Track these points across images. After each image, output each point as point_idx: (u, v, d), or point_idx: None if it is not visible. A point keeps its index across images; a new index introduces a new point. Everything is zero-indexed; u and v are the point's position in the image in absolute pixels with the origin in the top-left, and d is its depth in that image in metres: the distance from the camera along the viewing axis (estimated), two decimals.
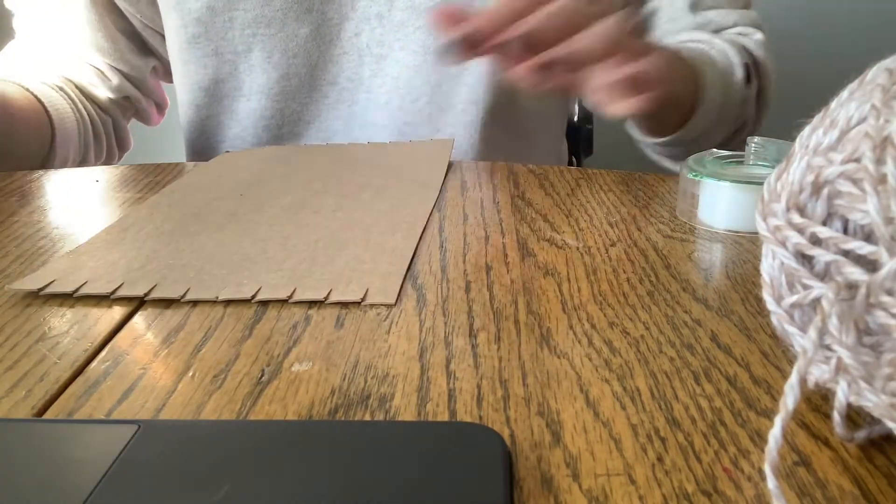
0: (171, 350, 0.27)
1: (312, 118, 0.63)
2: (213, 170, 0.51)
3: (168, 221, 0.40)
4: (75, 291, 0.31)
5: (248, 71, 0.61)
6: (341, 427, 0.21)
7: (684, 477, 0.20)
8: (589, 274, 0.33)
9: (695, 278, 0.33)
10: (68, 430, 0.21)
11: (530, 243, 0.37)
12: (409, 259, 0.35)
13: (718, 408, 0.23)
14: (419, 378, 0.25)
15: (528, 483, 0.19)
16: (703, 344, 0.27)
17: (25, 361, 0.26)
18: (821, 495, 0.19)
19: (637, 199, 0.44)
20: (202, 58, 0.62)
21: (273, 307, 0.30)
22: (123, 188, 0.48)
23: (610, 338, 0.27)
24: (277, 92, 0.62)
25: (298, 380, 0.25)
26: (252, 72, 0.61)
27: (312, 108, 0.62)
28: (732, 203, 0.38)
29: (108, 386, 0.25)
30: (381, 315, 0.29)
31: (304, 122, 0.63)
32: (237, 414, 0.23)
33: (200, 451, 0.20)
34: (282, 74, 0.61)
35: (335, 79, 0.62)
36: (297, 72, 0.61)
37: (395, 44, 0.60)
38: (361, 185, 0.47)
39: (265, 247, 0.36)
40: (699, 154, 0.41)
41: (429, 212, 0.42)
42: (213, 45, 0.61)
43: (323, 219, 0.40)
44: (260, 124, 0.63)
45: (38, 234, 0.39)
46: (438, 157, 0.53)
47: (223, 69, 0.62)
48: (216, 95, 0.63)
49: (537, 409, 0.23)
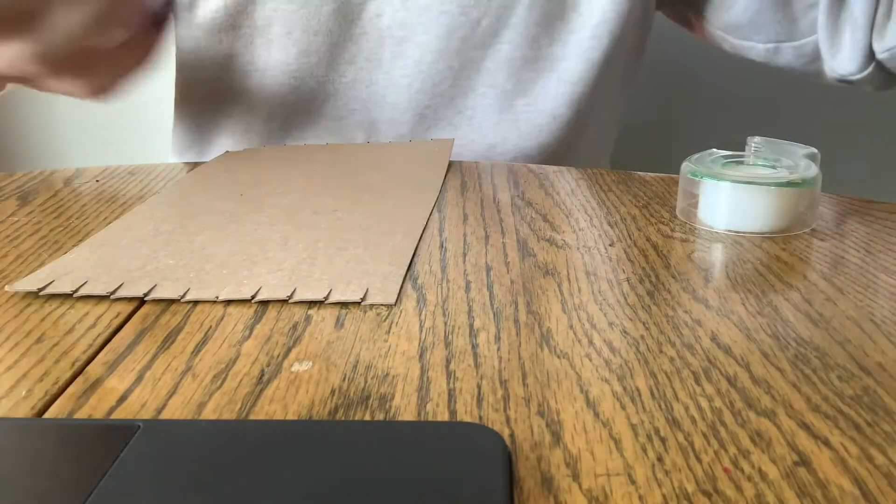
0: (171, 350, 0.27)
1: (328, 96, 0.62)
2: (213, 170, 0.51)
3: (168, 221, 0.40)
4: (75, 291, 0.31)
5: (266, 46, 0.61)
6: (341, 427, 0.21)
7: (684, 477, 0.20)
8: (589, 274, 0.33)
9: (695, 278, 0.33)
10: (68, 430, 0.21)
11: (530, 243, 0.37)
12: (409, 259, 0.35)
13: (718, 408, 0.23)
14: (419, 378, 0.25)
15: (528, 483, 0.19)
16: (703, 344, 0.27)
17: (25, 361, 0.26)
18: (821, 495, 0.19)
19: (637, 199, 0.44)
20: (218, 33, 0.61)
21: (273, 307, 0.30)
22: (123, 188, 0.48)
23: (610, 338, 0.27)
24: (296, 69, 0.61)
25: (298, 380, 0.25)
26: (270, 47, 0.61)
27: (329, 86, 0.62)
28: (732, 203, 0.38)
29: (108, 386, 0.25)
30: (381, 315, 0.29)
31: (319, 100, 0.62)
32: (237, 414, 0.23)
33: (200, 451, 0.20)
34: (301, 51, 0.60)
35: (353, 58, 0.61)
36: (318, 49, 0.60)
37: (418, 27, 0.60)
38: (361, 184, 0.47)
39: (265, 247, 0.36)
40: (699, 154, 0.41)
41: (429, 212, 0.42)
42: (231, 21, 0.60)
43: (323, 219, 0.40)
44: (275, 100, 0.62)
45: (37, 234, 0.39)
46: (438, 157, 0.53)
47: (238, 44, 0.61)
48: (229, 69, 0.62)
49: (537, 409, 0.23)
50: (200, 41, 0.61)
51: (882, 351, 0.26)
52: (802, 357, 0.26)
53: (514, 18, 0.59)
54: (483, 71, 0.61)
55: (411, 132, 0.63)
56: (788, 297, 0.31)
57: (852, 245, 0.37)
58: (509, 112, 0.62)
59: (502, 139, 0.63)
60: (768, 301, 0.30)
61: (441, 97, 0.61)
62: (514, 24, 0.60)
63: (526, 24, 0.60)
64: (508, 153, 0.63)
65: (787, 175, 0.38)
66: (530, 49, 0.60)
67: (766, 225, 0.38)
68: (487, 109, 0.62)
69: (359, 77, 0.62)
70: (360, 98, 0.62)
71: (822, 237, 0.38)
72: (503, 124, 0.62)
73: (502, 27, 0.60)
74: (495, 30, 0.60)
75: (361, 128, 0.63)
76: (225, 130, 0.65)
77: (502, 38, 0.60)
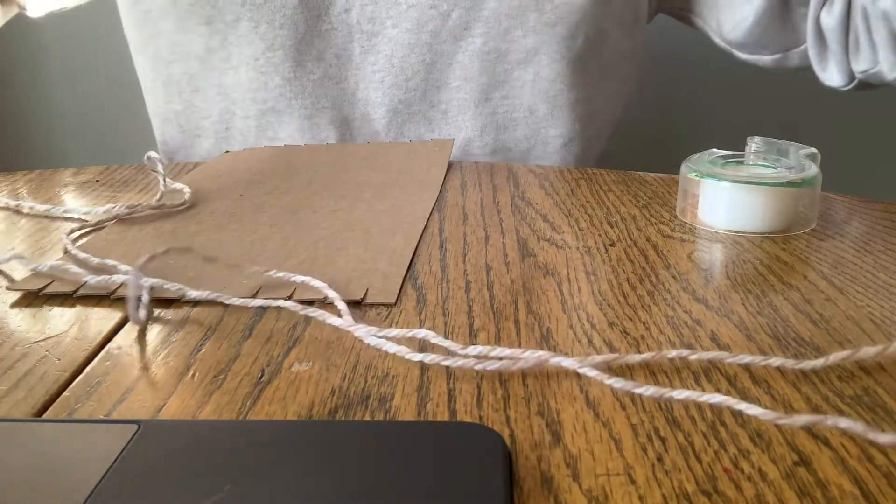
0: (171, 350, 0.27)
1: (296, 94, 0.62)
2: (213, 170, 0.51)
3: (168, 221, 0.40)
4: (75, 291, 0.31)
5: (237, 42, 0.61)
6: (341, 427, 0.21)
7: (684, 477, 0.20)
8: (589, 274, 0.33)
9: (695, 278, 0.33)
10: (68, 430, 0.21)
11: (530, 243, 0.37)
12: (409, 259, 0.35)
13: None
14: (419, 378, 0.25)
15: (528, 483, 0.19)
16: (703, 344, 0.27)
17: (25, 361, 0.26)
18: (821, 495, 0.19)
19: (637, 199, 0.44)
20: (196, 27, 0.61)
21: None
22: (123, 188, 0.47)
23: (610, 338, 0.27)
24: (263, 63, 0.61)
25: (298, 380, 0.25)
26: (240, 42, 0.60)
27: (296, 83, 0.61)
28: (732, 203, 0.38)
29: (108, 386, 0.25)
30: (381, 315, 0.29)
31: (286, 98, 0.62)
32: (237, 414, 0.23)
33: (200, 451, 0.20)
34: (267, 46, 0.60)
35: (322, 55, 0.61)
36: (283, 44, 0.60)
37: (388, 21, 0.60)
38: (361, 185, 0.47)
39: (265, 247, 0.36)
40: (699, 154, 0.41)
41: (429, 212, 0.42)
42: (206, 14, 0.60)
43: (323, 219, 0.40)
44: (248, 97, 0.62)
45: (38, 234, 0.39)
46: (438, 157, 0.53)
47: (214, 39, 0.61)
48: (208, 65, 0.62)
49: (537, 409, 0.23)
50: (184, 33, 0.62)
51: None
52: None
53: (485, 11, 0.59)
54: (455, 64, 0.61)
55: (385, 129, 0.62)
56: (788, 297, 0.31)
57: (852, 245, 0.37)
58: (485, 105, 0.62)
59: (479, 133, 0.63)
60: (768, 301, 0.30)
61: (414, 91, 0.61)
62: (485, 16, 0.59)
63: (497, 16, 0.59)
64: (487, 147, 0.63)
65: (787, 175, 0.38)
66: (503, 41, 0.60)
67: (766, 225, 0.38)
68: (462, 103, 0.62)
69: (328, 73, 0.61)
70: (331, 95, 0.62)
71: (822, 237, 0.38)
72: (479, 118, 0.62)
73: (473, 20, 0.59)
74: (466, 22, 0.60)
75: (333, 125, 0.62)
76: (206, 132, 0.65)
77: (474, 31, 0.60)
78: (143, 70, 0.67)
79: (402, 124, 0.62)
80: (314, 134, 0.62)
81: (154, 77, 0.65)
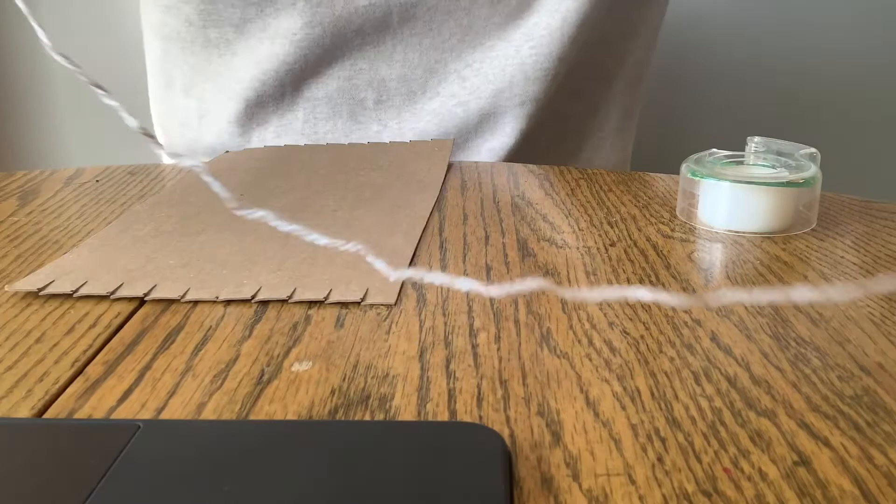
0: (171, 350, 0.27)
1: (335, 60, 0.63)
2: (214, 170, 0.51)
3: (168, 221, 0.40)
4: (75, 291, 0.31)
5: (274, 14, 0.62)
6: (341, 427, 0.21)
7: (684, 477, 0.20)
8: (589, 274, 0.33)
9: (695, 278, 0.33)
10: (68, 430, 0.21)
11: (530, 243, 0.37)
12: (409, 259, 0.35)
13: (718, 408, 0.23)
14: (419, 378, 0.25)
15: (528, 483, 0.19)
16: (703, 344, 0.27)
17: (25, 361, 0.26)
18: (821, 495, 0.19)
19: (637, 199, 0.44)
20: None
21: (273, 307, 0.30)
22: (123, 188, 0.47)
23: (610, 338, 0.27)
24: (301, 38, 0.62)
25: (298, 380, 0.25)
26: (278, 15, 0.62)
27: (336, 52, 0.63)
28: (732, 203, 0.38)
29: (108, 386, 0.25)
30: (381, 315, 0.29)
31: (325, 62, 0.64)
32: (237, 414, 0.23)
33: (200, 451, 0.20)
34: (305, 22, 0.62)
35: (360, 27, 0.63)
36: (321, 21, 0.62)
37: None
38: (361, 184, 0.47)
39: (265, 247, 0.36)
40: (699, 154, 0.41)
41: (429, 212, 0.42)
42: None
43: (323, 219, 0.40)
44: (283, 69, 0.63)
45: (37, 234, 0.39)
46: (438, 157, 0.53)
47: (249, 11, 0.62)
48: (244, 34, 0.63)
49: (537, 409, 0.23)
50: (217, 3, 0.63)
51: (882, 351, 0.26)
52: (802, 357, 0.26)
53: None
54: (490, 25, 0.62)
55: (422, 88, 0.64)
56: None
57: (852, 245, 0.37)
58: (515, 58, 0.63)
59: (508, 84, 0.64)
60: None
61: (451, 52, 0.63)
62: None
63: None
64: (515, 98, 0.64)
65: (787, 175, 0.38)
66: None
67: (766, 225, 0.38)
68: (495, 60, 0.63)
69: (367, 41, 0.63)
70: (368, 58, 0.63)
71: (822, 237, 0.38)
72: (508, 69, 0.64)
73: None
74: None
75: (371, 86, 0.64)
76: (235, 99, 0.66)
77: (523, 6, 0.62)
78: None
79: (439, 83, 0.64)
80: (352, 95, 0.64)
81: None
